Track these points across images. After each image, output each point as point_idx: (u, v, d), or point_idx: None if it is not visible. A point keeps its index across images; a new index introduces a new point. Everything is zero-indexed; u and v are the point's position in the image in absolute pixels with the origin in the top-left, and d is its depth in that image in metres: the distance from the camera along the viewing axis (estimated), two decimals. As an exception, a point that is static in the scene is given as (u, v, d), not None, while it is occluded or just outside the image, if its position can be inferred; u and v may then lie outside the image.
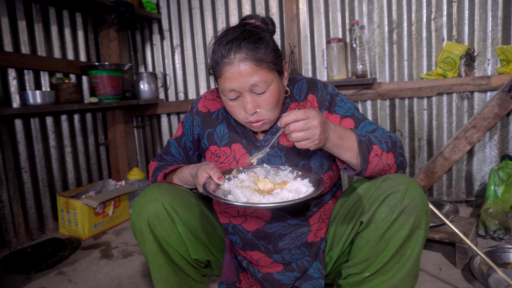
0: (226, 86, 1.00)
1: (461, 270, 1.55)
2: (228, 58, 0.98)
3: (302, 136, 0.86)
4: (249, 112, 1.01)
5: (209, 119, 1.20)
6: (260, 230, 1.12)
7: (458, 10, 2.14)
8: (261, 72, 0.98)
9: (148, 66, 2.90)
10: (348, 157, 0.95)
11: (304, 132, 0.86)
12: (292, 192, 0.93)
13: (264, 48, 0.99)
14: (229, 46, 0.97)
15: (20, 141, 2.18)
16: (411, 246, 0.95)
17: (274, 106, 1.03)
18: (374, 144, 0.95)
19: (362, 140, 0.94)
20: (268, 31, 1.06)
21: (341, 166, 1.00)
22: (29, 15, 2.24)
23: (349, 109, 1.11)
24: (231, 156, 1.13)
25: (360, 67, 2.27)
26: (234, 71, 0.97)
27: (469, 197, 2.23)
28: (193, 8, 2.71)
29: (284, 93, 1.10)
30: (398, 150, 1.00)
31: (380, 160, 0.96)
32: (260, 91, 1.00)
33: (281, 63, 1.05)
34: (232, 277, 1.19)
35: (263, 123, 1.05)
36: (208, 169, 1.01)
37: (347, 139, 0.93)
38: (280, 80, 1.06)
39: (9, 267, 1.79)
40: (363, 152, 0.93)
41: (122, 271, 1.75)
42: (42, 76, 2.30)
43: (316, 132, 0.86)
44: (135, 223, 1.05)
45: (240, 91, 1.00)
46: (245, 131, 1.15)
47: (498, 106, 1.96)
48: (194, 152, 1.25)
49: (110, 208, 2.34)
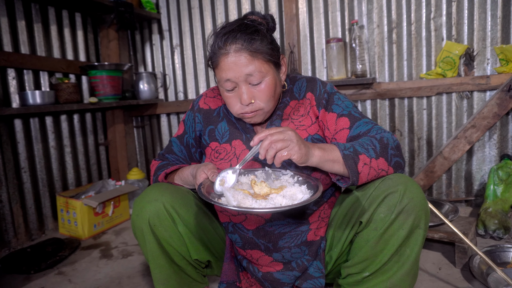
0: (222, 76, 1.02)
1: (461, 269, 1.55)
2: (224, 49, 1.00)
3: (281, 145, 0.87)
4: (244, 103, 1.02)
5: (211, 116, 1.20)
6: (260, 228, 1.12)
7: (457, 10, 2.14)
8: (256, 63, 1.00)
9: (147, 66, 2.90)
10: (337, 169, 0.96)
11: (282, 140, 0.88)
12: (286, 198, 0.92)
13: (260, 40, 1.01)
14: (225, 37, 1.00)
15: (19, 141, 2.18)
16: (411, 245, 0.96)
17: (269, 97, 1.04)
18: (360, 154, 0.95)
19: (346, 153, 0.95)
20: (267, 27, 1.07)
21: (333, 178, 1.00)
22: (28, 15, 2.24)
23: (346, 107, 1.10)
24: (231, 152, 1.14)
25: (360, 66, 2.27)
26: (230, 61, 1.00)
27: (468, 196, 2.23)
28: (193, 8, 2.71)
29: (280, 86, 1.11)
30: (390, 152, 0.99)
31: (371, 168, 0.96)
32: (255, 81, 1.01)
33: (278, 56, 1.07)
34: (233, 276, 1.19)
35: (257, 114, 1.06)
36: (207, 169, 1.02)
37: (331, 150, 0.95)
38: (276, 72, 1.07)
39: (8, 267, 1.79)
40: (350, 165, 0.94)
41: (122, 271, 1.76)
42: (42, 76, 2.30)
43: (293, 138, 0.89)
44: (136, 223, 1.05)
45: (236, 81, 1.01)
46: (245, 128, 1.16)
47: (498, 106, 1.96)
48: (197, 149, 1.25)
49: (110, 208, 2.34)
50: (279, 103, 1.16)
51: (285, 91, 1.17)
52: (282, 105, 1.15)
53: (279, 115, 1.14)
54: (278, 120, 1.14)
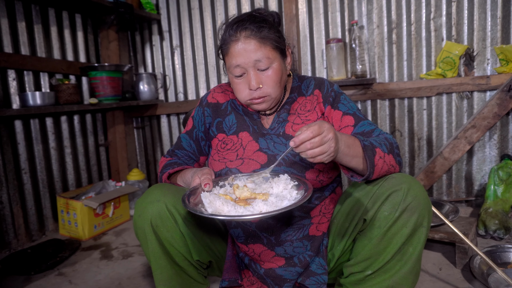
0: (232, 62, 1.07)
1: (461, 270, 1.55)
2: (234, 36, 1.06)
3: (318, 151, 0.85)
4: (252, 88, 1.07)
5: (219, 110, 1.24)
6: (264, 221, 1.13)
7: (457, 10, 2.14)
8: (264, 49, 1.05)
9: (147, 67, 2.90)
10: (355, 163, 0.96)
11: (321, 147, 0.85)
12: (268, 205, 0.90)
13: (268, 28, 1.07)
14: (236, 25, 1.07)
15: (20, 142, 2.18)
16: (413, 244, 0.96)
17: (276, 83, 1.09)
18: (376, 147, 0.97)
19: (366, 144, 0.96)
20: (273, 20, 1.14)
21: (347, 174, 1.01)
22: (28, 16, 2.24)
23: (351, 108, 1.14)
24: (238, 143, 1.17)
25: (360, 67, 2.27)
26: (240, 48, 1.05)
27: (469, 196, 2.24)
28: (193, 8, 2.71)
29: (286, 75, 1.16)
30: (395, 151, 1.03)
31: (385, 162, 0.98)
32: (263, 67, 1.06)
33: (284, 44, 1.12)
34: (234, 274, 1.20)
35: (264, 100, 1.10)
36: (201, 174, 1.03)
37: (353, 146, 0.95)
38: (282, 61, 1.12)
39: (9, 268, 1.79)
40: (369, 156, 0.95)
41: (122, 272, 1.75)
42: (42, 77, 2.30)
43: (332, 145, 0.86)
44: (138, 224, 1.05)
45: (245, 66, 1.06)
46: (253, 119, 1.19)
47: (498, 106, 1.97)
48: (206, 142, 1.27)
49: (110, 209, 2.34)
50: (288, 98, 1.19)
51: (294, 88, 1.21)
52: (290, 100, 1.19)
53: (287, 109, 1.18)
54: (285, 114, 1.18)
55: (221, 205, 0.91)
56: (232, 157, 1.15)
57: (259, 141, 1.15)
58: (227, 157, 1.15)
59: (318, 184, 1.12)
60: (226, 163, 1.15)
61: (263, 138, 1.16)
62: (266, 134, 1.17)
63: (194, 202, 0.95)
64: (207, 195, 0.94)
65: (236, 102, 1.23)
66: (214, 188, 1.01)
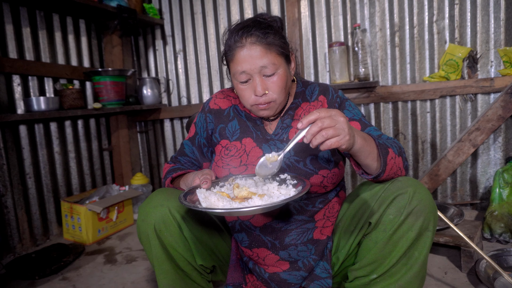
0: (238, 69, 1.06)
1: (467, 274, 1.54)
2: (240, 43, 1.05)
3: (332, 133, 0.82)
4: (258, 94, 1.06)
5: (221, 116, 1.23)
6: (268, 225, 1.13)
7: (460, 12, 2.14)
8: (270, 55, 1.04)
9: (151, 71, 2.91)
10: (371, 159, 0.96)
11: (333, 128, 0.82)
12: (264, 201, 0.90)
13: (273, 34, 1.06)
14: (241, 32, 1.05)
15: (24, 147, 2.19)
16: (419, 248, 0.96)
17: (282, 89, 1.08)
18: (388, 147, 0.98)
19: (380, 142, 0.96)
20: (278, 25, 1.13)
21: (358, 172, 1.01)
22: (33, 22, 2.26)
23: (356, 114, 1.14)
24: (241, 149, 1.16)
25: (362, 70, 2.27)
26: (245, 54, 1.04)
27: (474, 200, 2.22)
28: (195, 13, 2.73)
29: (290, 80, 1.15)
30: (403, 155, 1.03)
31: (395, 164, 0.98)
32: (269, 73, 1.05)
33: (288, 49, 1.12)
34: (238, 278, 1.20)
35: (269, 106, 1.09)
36: (200, 174, 1.04)
37: (369, 140, 0.94)
38: (287, 66, 1.12)
39: (13, 273, 1.80)
40: (383, 154, 0.95)
41: (126, 277, 1.75)
42: (46, 82, 2.32)
43: (344, 127, 0.84)
44: (141, 228, 1.05)
45: (251, 73, 1.05)
46: (256, 125, 1.18)
47: (502, 108, 1.96)
48: (209, 148, 1.27)
49: (114, 213, 2.35)
50: (291, 104, 1.19)
51: (298, 93, 1.20)
52: (294, 106, 1.18)
53: (291, 115, 1.17)
54: (289, 120, 1.17)
55: (216, 200, 0.91)
56: (235, 164, 1.15)
57: (263, 147, 1.15)
58: (230, 163, 1.15)
59: (322, 190, 1.12)
60: (230, 170, 1.15)
61: (266, 144, 1.15)
62: (269, 140, 1.16)
63: (191, 200, 0.97)
64: (202, 191, 0.95)
65: (239, 107, 1.23)
66: (213, 188, 1.03)
